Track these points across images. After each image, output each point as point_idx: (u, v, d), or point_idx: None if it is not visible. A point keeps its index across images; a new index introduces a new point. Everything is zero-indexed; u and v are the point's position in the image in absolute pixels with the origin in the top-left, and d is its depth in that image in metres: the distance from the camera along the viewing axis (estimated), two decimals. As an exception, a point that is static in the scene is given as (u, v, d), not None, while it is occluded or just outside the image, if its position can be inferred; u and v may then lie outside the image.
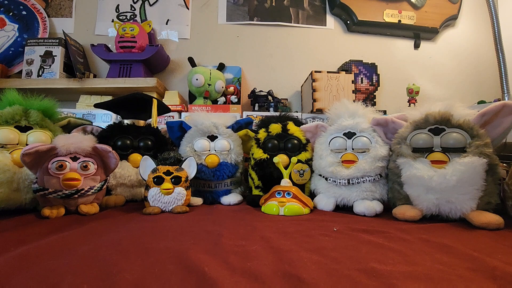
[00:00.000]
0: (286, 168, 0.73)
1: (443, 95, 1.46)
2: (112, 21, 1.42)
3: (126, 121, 0.82)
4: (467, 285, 0.29)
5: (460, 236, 0.47)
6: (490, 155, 0.54)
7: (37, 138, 0.67)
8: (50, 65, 1.20)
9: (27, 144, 0.65)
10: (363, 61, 1.41)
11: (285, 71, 1.47)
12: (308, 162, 0.78)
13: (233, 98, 1.31)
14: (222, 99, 1.31)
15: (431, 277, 0.31)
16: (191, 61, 1.32)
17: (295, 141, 0.79)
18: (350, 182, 0.67)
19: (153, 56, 1.24)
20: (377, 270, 0.33)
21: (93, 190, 0.62)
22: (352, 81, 1.22)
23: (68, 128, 0.78)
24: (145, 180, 0.68)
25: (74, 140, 0.61)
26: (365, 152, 0.69)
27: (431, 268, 0.34)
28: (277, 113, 0.90)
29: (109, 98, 1.06)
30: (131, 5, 1.45)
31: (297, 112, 1.26)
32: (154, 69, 1.38)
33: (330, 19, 1.52)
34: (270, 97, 1.26)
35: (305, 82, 1.33)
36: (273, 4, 1.49)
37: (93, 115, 1.10)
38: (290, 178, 0.73)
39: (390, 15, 1.47)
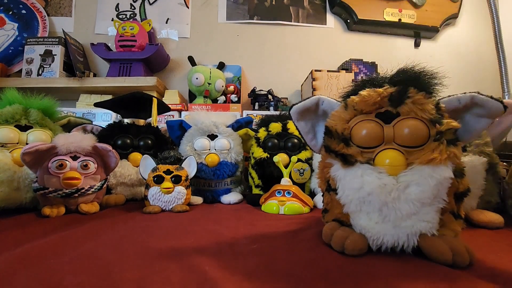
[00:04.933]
0: (286, 167, 0.73)
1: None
2: (112, 20, 1.42)
3: (126, 120, 0.82)
4: (467, 284, 0.29)
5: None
6: (490, 154, 0.54)
7: (37, 137, 0.67)
8: (50, 64, 1.20)
9: (27, 143, 0.65)
10: (363, 60, 1.40)
11: (285, 70, 1.47)
12: (308, 161, 0.78)
13: (233, 97, 1.31)
14: (222, 98, 1.31)
15: (431, 275, 0.31)
16: (191, 60, 1.31)
17: (295, 140, 0.79)
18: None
19: (153, 55, 1.24)
20: (377, 269, 0.33)
21: (93, 189, 0.62)
22: (352, 80, 1.22)
23: (68, 127, 0.78)
24: (145, 179, 0.68)
25: (74, 139, 0.61)
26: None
27: (430, 266, 0.34)
28: (277, 112, 0.90)
29: (109, 97, 1.05)
30: (131, 4, 1.44)
31: (297, 111, 1.25)
32: (154, 68, 1.38)
33: (330, 18, 1.52)
34: (270, 96, 1.25)
35: (305, 81, 1.33)
36: (273, 3, 1.49)
37: (93, 114, 1.10)
38: (290, 177, 0.73)
39: (390, 14, 1.46)
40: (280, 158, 0.72)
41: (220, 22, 1.48)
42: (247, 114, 1.14)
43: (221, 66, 1.36)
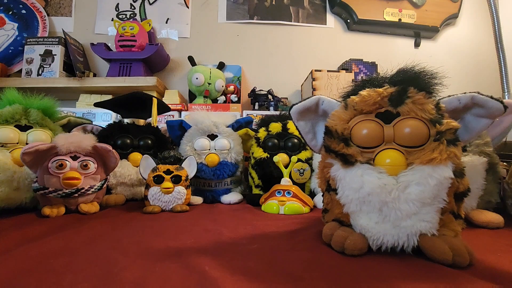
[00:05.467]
0: (286, 167, 0.73)
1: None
2: (112, 20, 1.41)
3: (126, 120, 0.82)
4: (467, 284, 0.29)
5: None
6: (490, 154, 0.54)
7: (37, 137, 0.67)
8: (50, 64, 1.20)
9: (27, 143, 0.65)
10: (363, 60, 1.40)
11: (285, 70, 1.47)
12: (308, 161, 0.78)
13: (233, 97, 1.31)
14: (222, 98, 1.31)
15: (431, 275, 0.31)
16: (191, 60, 1.31)
17: (295, 140, 0.79)
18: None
19: (153, 55, 1.24)
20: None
21: (93, 189, 0.62)
22: (352, 80, 1.22)
23: (68, 127, 0.78)
24: (145, 179, 0.68)
25: (74, 139, 0.61)
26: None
27: (430, 266, 0.34)
28: (277, 112, 0.90)
29: (109, 97, 1.05)
30: (131, 4, 1.44)
31: (297, 111, 1.25)
32: (154, 68, 1.38)
33: (330, 18, 1.52)
34: (270, 96, 1.25)
35: (305, 81, 1.33)
36: (273, 3, 1.49)
37: (93, 114, 1.10)
38: (290, 177, 0.73)
39: (390, 14, 1.46)
40: (280, 158, 0.72)
41: (220, 22, 1.47)
42: (247, 114, 1.14)
43: (221, 66, 1.36)
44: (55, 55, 1.21)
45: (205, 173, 0.76)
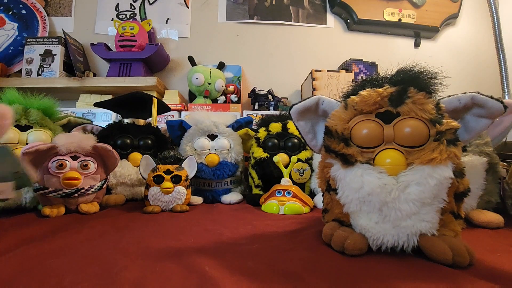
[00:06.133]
0: (286, 167, 0.73)
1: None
2: (112, 20, 1.41)
3: (126, 120, 0.82)
4: (467, 284, 0.29)
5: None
6: (490, 154, 0.54)
7: (37, 137, 0.67)
8: (50, 64, 1.20)
9: (27, 143, 0.65)
10: (363, 60, 1.40)
11: (285, 70, 1.47)
12: (308, 161, 0.78)
13: (233, 97, 1.31)
14: (222, 98, 1.31)
15: (431, 275, 0.31)
16: (191, 60, 1.31)
17: (295, 140, 0.79)
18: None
19: (153, 55, 1.24)
20: (377, 269, 0.32)
21: (93, 189, 0.62)
22: (353, 80, 1.22)
23: (68, 127, 0.78)
24: (145, 179, 0.68)
25: (74, 139, 0.61)
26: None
27: (430, 266, 0.34)
28: (277, 112, 0.90)
29: (109, 97, 1.05)
30: (130, 4, 1.44)
31: (297, 111, 1.25)
32: (154, 68, 1.38)
33: (330, 18, 1.52)
34: (270, 96, 1.25)
35: (305, 81, 1.33)
36: (273, 2, 1.49)
37: (93, 114, 1.10)
38: (290, 177, 0.73)
39: (390, 14, 1.46)
40: (280, 158, 0.72)
41: (220, 22, 1.47)
42: (247, 114, 1.14)
43: (221, 66, 1.36)
44: (55, 55, 1.21)
45: (205, 173, 0.76)
